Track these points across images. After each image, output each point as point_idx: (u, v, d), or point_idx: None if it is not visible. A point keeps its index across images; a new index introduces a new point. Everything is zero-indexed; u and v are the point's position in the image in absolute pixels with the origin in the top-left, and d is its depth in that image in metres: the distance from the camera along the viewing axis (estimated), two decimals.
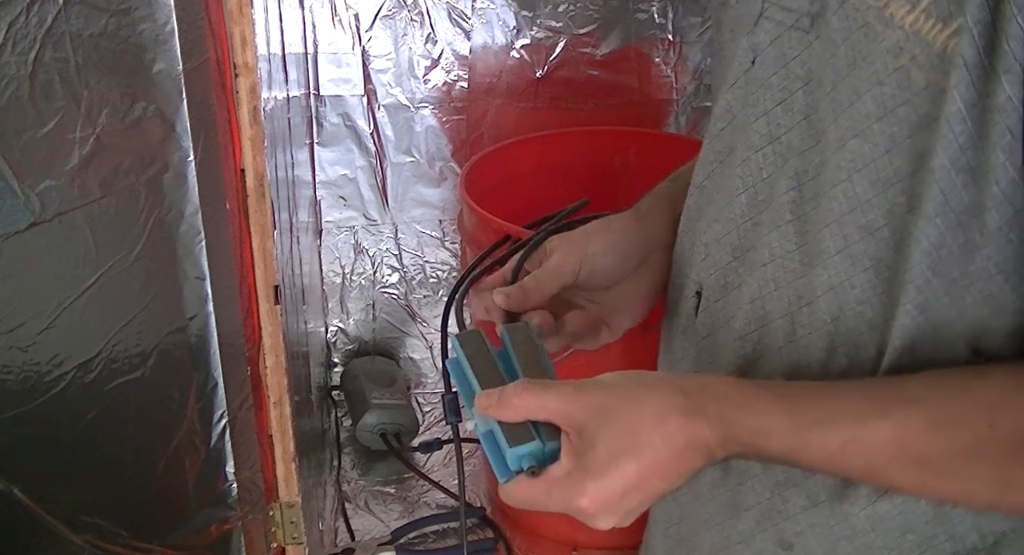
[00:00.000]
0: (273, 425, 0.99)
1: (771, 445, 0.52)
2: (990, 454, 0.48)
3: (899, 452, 0.50)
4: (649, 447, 0.53)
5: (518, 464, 0.57)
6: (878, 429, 0.50)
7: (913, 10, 0.47)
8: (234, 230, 0.89)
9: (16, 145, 0.73)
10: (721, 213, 0.63)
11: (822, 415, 0.52)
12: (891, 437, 0.50)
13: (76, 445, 0.86)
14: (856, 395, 0.52)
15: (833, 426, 0.51)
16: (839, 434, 0.51)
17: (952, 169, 0.48)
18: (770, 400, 0.53)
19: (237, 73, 0.84)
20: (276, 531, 1.04)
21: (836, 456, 0.51)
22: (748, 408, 0.53)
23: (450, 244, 1.60)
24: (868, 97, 0.50)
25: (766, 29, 0.58)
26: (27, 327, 0.78)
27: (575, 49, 1.47)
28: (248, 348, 0.95)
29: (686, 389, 0.54)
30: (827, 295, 0.55)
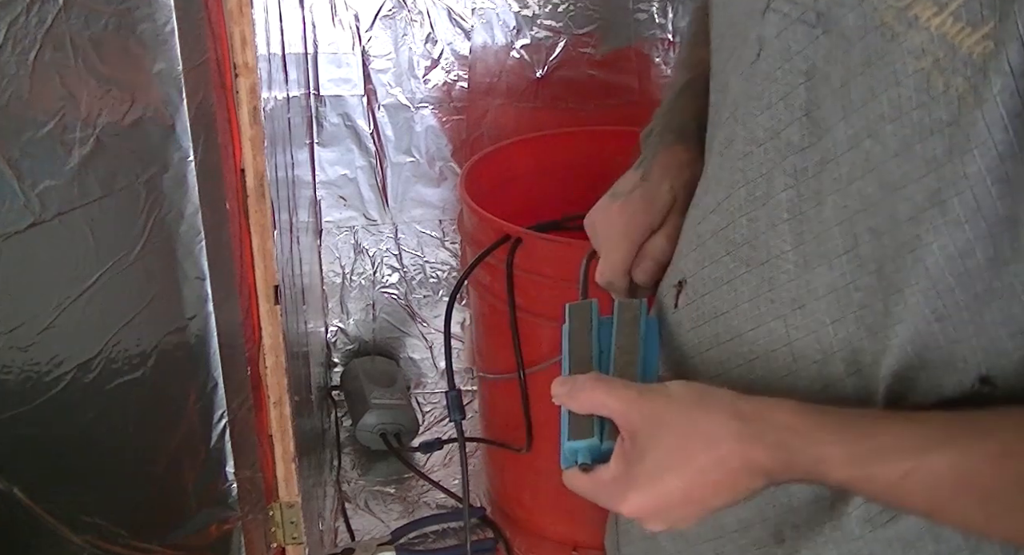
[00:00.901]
0: (273, 425, 0.99)
1: (832, 473, 0.51)
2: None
3: (962, 484, 0.48)
4: (697, 469, 0.53)
5: (572, 457, 0.58)
6: (940, 459, 0.49)
7: (940, 12, 0.46)
8: (234, 230, 0.89)
9: (16, 145, 0.73)
10: (720, 205, 0.63)
11: (884, 444, 0.50)
12: (954, 467, 0.48)
13: (76, 445, 0.86)
14: (920, 425, 0.51)
15: (895, 455, 0.50)
16: (901, 464, 0.49)
17: (988, 177, 0.47)
18: (832, 429, 0.52)
19: (237, 73, 0.84)
20: (276, 531, 1.04)
21: (897, 487, 0.50)
22: (809, 437, 0.52)
23: (450, 244, 1.60)
24: (884, 98, 0.49)
25: (772, 21, 0.57)
26: (27, 327, 0.78)
27: (575, 49, 1.47)
28: (248, 348, 0.95)
29: (744, 414, 0.53)
30: (828, 297, 0.55)
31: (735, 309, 0.61)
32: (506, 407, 1.21)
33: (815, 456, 0.51)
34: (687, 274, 0.66)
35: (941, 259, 0.49)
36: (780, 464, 0.52)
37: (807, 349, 0.57)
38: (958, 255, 0.49)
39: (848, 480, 0.51)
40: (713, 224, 0.63)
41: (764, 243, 0.58)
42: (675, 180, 0.71)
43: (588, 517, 1.31)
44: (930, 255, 0.50)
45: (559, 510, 1.31)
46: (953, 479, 0.48)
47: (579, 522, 1.30)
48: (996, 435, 0.49)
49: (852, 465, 0.50)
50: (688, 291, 0.66)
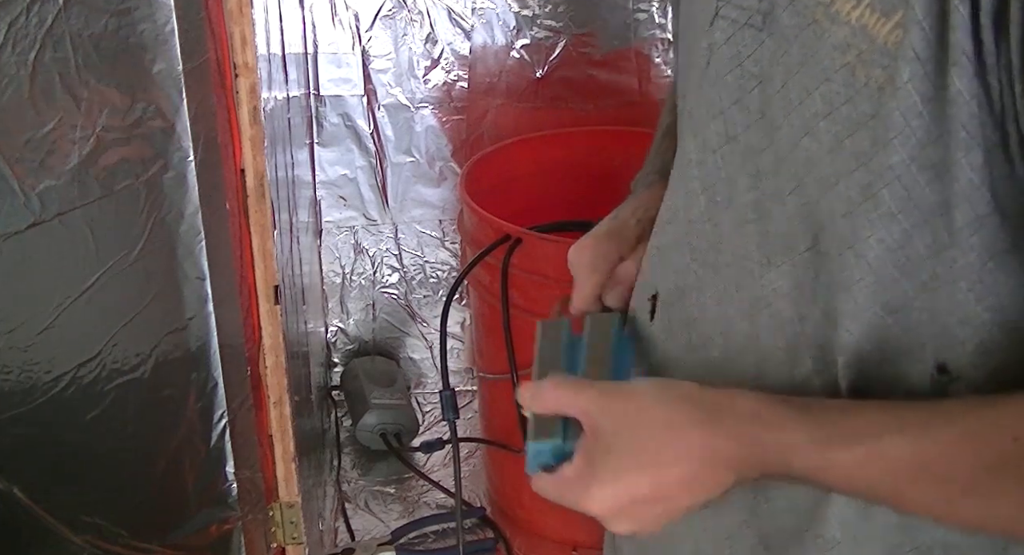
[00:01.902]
0: (273, 425, 0.99)
1: (795, 462, 0.51)
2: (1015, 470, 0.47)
3: (921, 468, 0.49)
4: (661, 462, 0.52)
5: (536, 460, 0.58)
6: (899, 443, 0.49)
7: (858, 5, 0.46)
8: (234, 230, 0.89)
9: (16, 145, 0.73)
10: (676, 215, 0.63)
11: (844, 429, 0.50)
12: (912, 451, 0.48)
13: (76, 445, 0.86)
14: (880, 411, 0.51)
15: (854, 439, 0.49)
16: (860, 448, 0.49)
17: (913, 165, 0.47)
18: (794, 416, 0.51)
19: (237, 73, 0.84)
20: (276, 531, 1.04)
21: (858, 474, 0.50)
22: (771, 424, 0.51)
23: (450, 244, 1.60)
24: (816, 95, 0.49)
25: (721, 27, 0.57)
26: (27, 327, 0.78)
27: (575, 49, 1.47)
28: (248, 348, 0.95)
29: (707, 404, 0.53)
30: (792, 293, 0.55)
31: (704, 314, 0.61)
32: (506, 407, 1.21)
33: (777, 442, 0.51)
34: (658, 286, 0.66)
35: (881, 252, 0.49)
36: (744, 452, 0.52)
37: (775, 349, 0.57)
38: (897, 246, 0.49)
39: (810, 468, 0.51)
40: (672, 235, 0.64)
41: (729, 246, 0.58)
42: (644, 213, 0.72)
43: (588, 517, 1.31)
44: (870, 250, 0.50)
45: (559, 510, 1.30)
46: (911, 463, 0.49)
47: (579, 522, 1.30)
48: (954, 420, 0.49)
49: (813, 451, 0.50)
50: (661, 302, 0.66)
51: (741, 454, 0.52)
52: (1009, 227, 0.47)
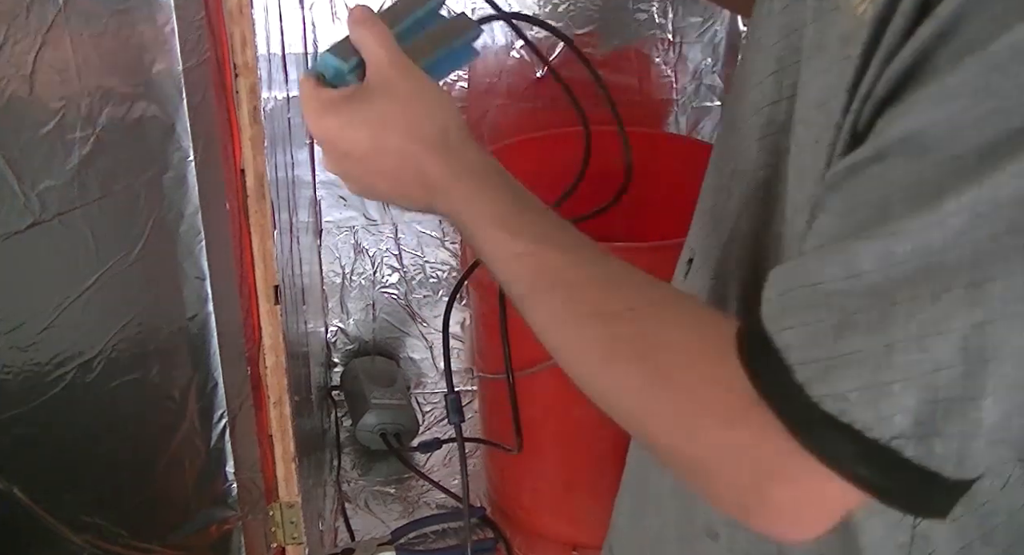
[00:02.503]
0: (273, 425, 0.99)
1: (467, 220, 0.56)
2: (624, 343, 0.50)
3: (559, 285, 0.53)
4: (385, 143, 0.58)
5: (318, 66, 0.62)
6: (552, 253, 0.54)
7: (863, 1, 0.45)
8: (234, 230, 0.89)
9: (16, 145, 0.73)
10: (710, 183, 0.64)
11: (523, 230, 0.55)
12: (560, 265, 0.53)
13: (76, 445, 0.86)
14: (554, 227, 0.56)
15: (528, 240, 0.54)
16: (522, 246, 0.54)
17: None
18: (501, 185, 0.58)
19: (237, 73, 0.84)
20: (276, 531, 1.04)
21: (513, 264, 0.54)
22: (479, 179, 0.57)
23: (450, 244, 1.60)
24: (814, 85, 0.49)
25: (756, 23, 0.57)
26: (27, 327, 0.78)
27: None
28: (248, 348, 0.95)
29: (451, 135, 0.59)
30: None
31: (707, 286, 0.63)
32: (506, 407, 1.21)
33: (466, 196, 0.57)
34: (694, 250, 0.68)
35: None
36: (444, 186, 0.57)
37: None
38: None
39: (480, 238, 0.56)
40: (706, 202, 0.65)
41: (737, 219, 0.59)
42: None
43: (588, 517, 1.31)
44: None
45: (559, 510, 1.31)
46: (553, 276, 0.53)
47: (579, 522, 1.30)
48: (606, 263, 0.53)
49: (489, 223, 0.55)
50: (695, 265, 0.68)
51: (441, 183, 0.57)
52: None
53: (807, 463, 0.43)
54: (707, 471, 0.48)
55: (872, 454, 0.42)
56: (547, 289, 0.53)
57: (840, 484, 0.43)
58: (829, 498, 0.44)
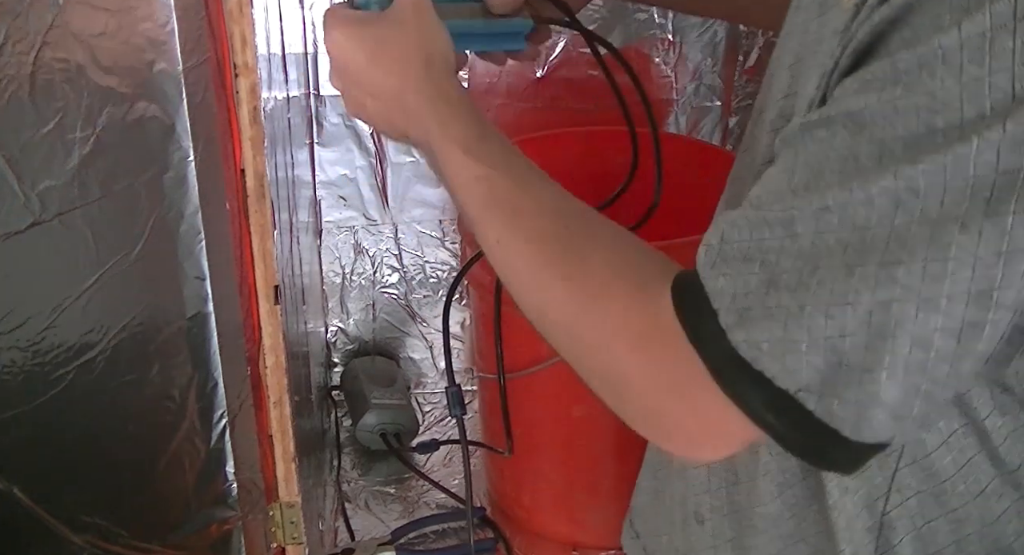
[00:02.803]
0: (273, 425, 0.99)
1: (436, 144, 0.61)
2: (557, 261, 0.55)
3: (502, 203, 0.59)
4: (376, 65, 0.63)
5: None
6: (502, 180, 0.60)
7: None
8: (234, 230, 0.89)
9: (16, 145, 0.73)
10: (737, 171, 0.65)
11: (481, 153, 0.61)
12: (507, 192, 0.59)
13: (76, 445, 0.86)
14: (508, 153, 0.63)
15: (481, 161, 0.60)
16: (483, 170, 0.60)
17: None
18: (471, 115, 0.63)
19: (237, 73, 0.84)
20: (276, 531, 1.04)
21: (472, 185, 0.60)
22: (452, 106, 0.63)
23: (450, 244, 1.60)
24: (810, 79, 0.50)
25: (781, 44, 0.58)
26: (27, 327, 0.78)
27: (575, 49, 1.47)
28: (248, 348, 0.95)
29: (437, 63, 0.64)
30: None
31: None
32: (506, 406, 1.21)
33: (441, 119, 0.62)
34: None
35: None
36: (416, 113, 0.63)
37: None
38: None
39: (444, 160, 0.61)
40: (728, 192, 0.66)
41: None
42: None
43: (588, 517, 1.31)
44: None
45: (559, 510, 1.31)
46: (504, 193, 0.59)
47: (579, 522, 1.30)
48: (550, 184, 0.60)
49: (455, 150, 0.61)
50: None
51: (411, 121, 0.63)
52: None
53: (717, 397, 0.47)
54: (622, 386, 0.52)
55: (778, 402, 0.45)
56: (495, 210, 0.58)
57: (744, 421, 0.46)
58: (731, 431, 0.48)
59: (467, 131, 0.62)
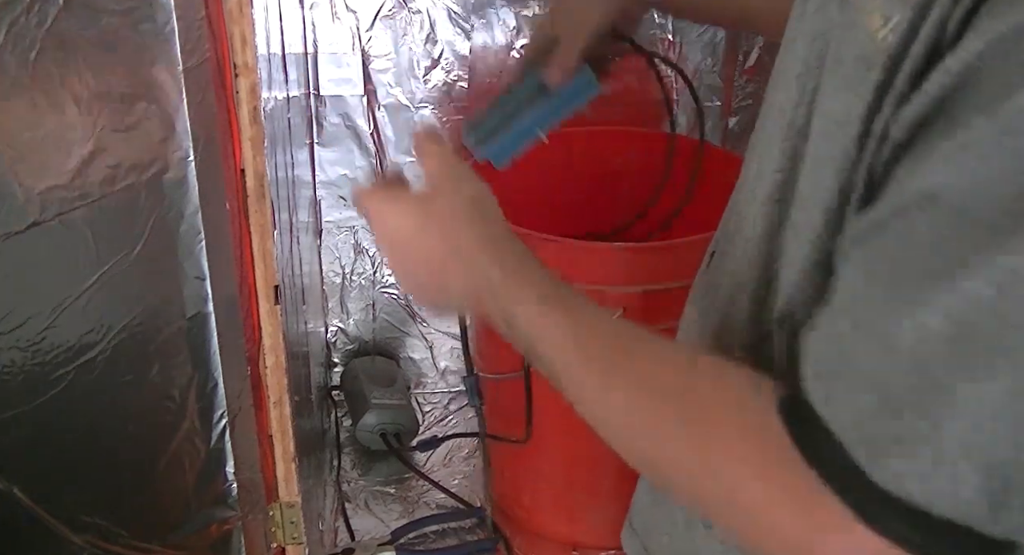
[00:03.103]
0: (273, 425, 0.99)
1: (502, 293, 0.58)
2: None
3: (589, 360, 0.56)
4: (431, 233, 0.61)
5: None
6: (592, 343, 0.56)
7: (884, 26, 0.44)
8: (234, 230, 0.89)
9: (16, 145, 0.73)
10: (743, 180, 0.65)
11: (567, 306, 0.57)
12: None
13: (76, 445, 0.86)
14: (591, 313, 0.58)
15: (563, 316, 0.56)
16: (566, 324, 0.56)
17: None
18: (535, 259, 0.60)
19: (237, 73, 0.84)
20: (276, 531, 1.04)
21: (553, 334, 0.57)
22: (517, 255, 0.60)
23: None
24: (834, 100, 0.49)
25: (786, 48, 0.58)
26: (27, 327, 0.78)
27: None
28: (248, 348, 0.95)
29: (490, 215, 0.62)
30: (785, 292, 0.55)
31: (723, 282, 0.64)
32: (506, 406, 1.21)
33: (514, 290, 0.59)
34: (717, 244, 0.69)
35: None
36: (493, 283, 0.59)
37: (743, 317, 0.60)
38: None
39: (513, 306, 0.58)
40: (733, 198, 0.66)
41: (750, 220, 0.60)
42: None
43: (588, 517, 1.31)
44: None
45: (559, 510, 1.31)
46: (588, 343, 0.56)
47: (579, 522, 1.30)
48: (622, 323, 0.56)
49: (537, 309, 0.57)
50: (715, 259, 0.69)
51: (478, 277, 0.59)
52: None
53: (857, 525, 0.42)
54: (755, 525, 0.48)
55: (933, 527, 0.41)
56: (586, 360, 0.56)
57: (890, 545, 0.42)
58: (875, 550, 0.43)
59: (538, 279, 0.59)
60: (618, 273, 1.08)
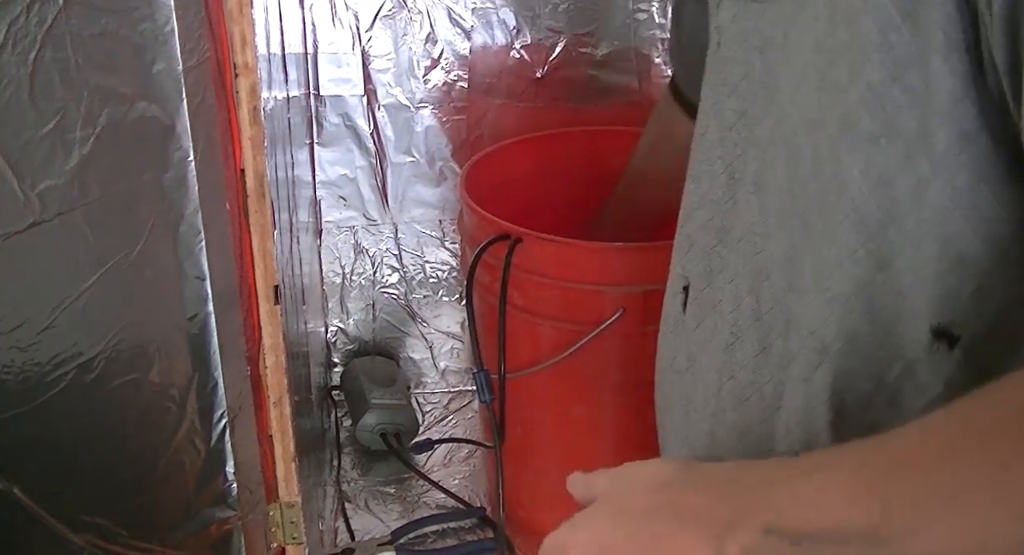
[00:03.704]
0: (273, 425, 0.99)
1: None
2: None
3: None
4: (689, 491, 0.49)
5: None
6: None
7: None
8: (234, 230, 0.89)
9: (16, 145, 0.73)
10: (704, 198, 0.63)
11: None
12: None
13: (76, 445, 0.86)
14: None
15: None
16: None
17: (894, 86, 0.45)
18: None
19: (237, 73, 0.84)
20: (276, 531, 1.04)
21: None
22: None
23: (450, 244, 1.60)
24: (808, 39, 0.49)
25: (727, 7, 0.58)
26: (27, 327, 0.78)
27: (575, 49, 1.47)
28: (248, 348, 0.95)
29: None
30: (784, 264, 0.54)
31: (723, 294, 0.61)
32: (505, 406, 1.21)
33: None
34: (689, 274, 0.66)
35: (864, 187, 0.48)
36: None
37: (775, 322, 0.56)
38: (881, 182, 0.47)
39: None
40: (700, 219, 0.64)
41: (740, 221, 0.58)
42: None
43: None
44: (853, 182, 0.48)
45: (559, 510, 1.31)
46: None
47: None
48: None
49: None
50: (692, 290, 0.66)
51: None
52: (1003, 153, 0.45)
53: None
54: None
55: None
56: None
57: None
58: None
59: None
60: (618, 273, 1.08)
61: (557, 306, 1.10)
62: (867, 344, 0.50)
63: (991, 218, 0.46)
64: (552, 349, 1.11)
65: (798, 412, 0.54)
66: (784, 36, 0.52)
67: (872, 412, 0.51)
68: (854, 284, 0.50)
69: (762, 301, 0.57)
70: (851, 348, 0.51)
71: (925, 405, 0.49)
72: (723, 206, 0.61)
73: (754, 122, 0.56)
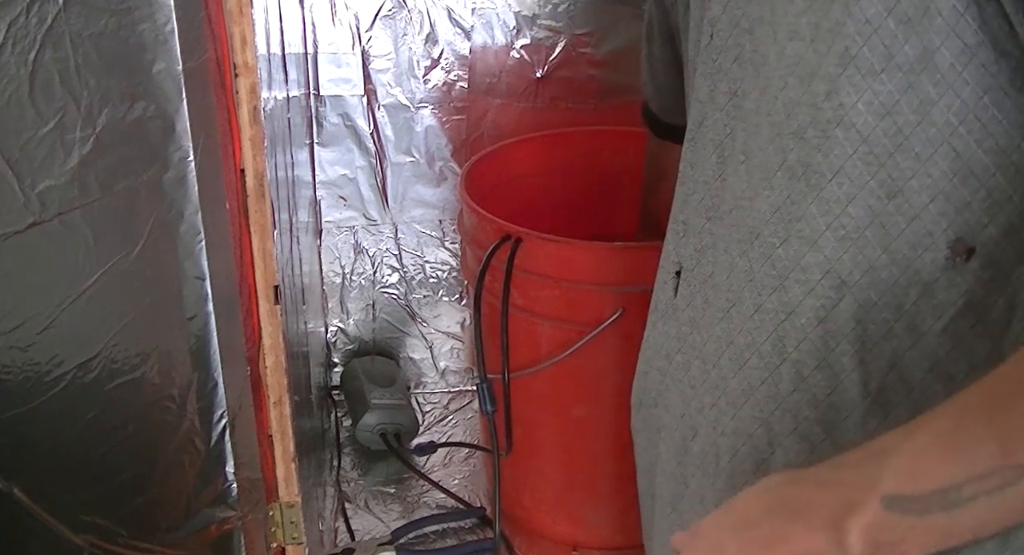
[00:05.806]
0: (273, 425, 0.99)
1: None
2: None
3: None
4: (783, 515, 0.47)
5: None
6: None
7: None
8: (234, 230, 0.89)
9: (16, 145, 0.73)
10: (697, 182, 0.64)
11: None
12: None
13: (76, 445, 0.86)
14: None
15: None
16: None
17: (889, 18, 0.46)
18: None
19: (237, 73, 0.84)
20: (276, 531, 1.04)
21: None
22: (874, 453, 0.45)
23: (450, 244, 1.60)
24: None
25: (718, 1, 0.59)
26: (27, 327, 0.78)
27: (575, 49, 1.47)
28: (248, 348, 0.95)
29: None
30: (773, 218, 0.55)
31: (715, 266, 0.62)
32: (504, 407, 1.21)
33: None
34: (681, 258, 0.67)
35: (870, 117, 0.49)
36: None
37: (766, 281, 0.57)
38: (885, 111, 0.48)
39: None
40: (695, 202, 0.65)
41: (730, 193, 0.59)
42: None
43: (588, 517, 1.31)
44: (857, 115, 0.49)
45: (559, 510, 1.31)
46: None
47: (579, 522, 1.30)
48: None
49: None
50: (684, 271, 0.67)
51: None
52: (1004, 65, 0.46)
53: None
54: None
55: None
56: None
57: None
58: None
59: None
60: (618, 273, 1.08)
61: (557, 306, 1.11)
62: (885, 273, 0.51)
63: (995, 131, 0.47)
64: (552, 349, 1.11)
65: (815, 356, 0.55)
66: (772, 11, 0.53)
67: (894, 342, 0.52)
68: (868, 216, 0.51)
69: (753, 260, 0.58)
70: (869, 280, 0.52)
71: (944, 327, 0.50)
72: (712, 185, 0.62)
73: (742, 97, 0.58)
